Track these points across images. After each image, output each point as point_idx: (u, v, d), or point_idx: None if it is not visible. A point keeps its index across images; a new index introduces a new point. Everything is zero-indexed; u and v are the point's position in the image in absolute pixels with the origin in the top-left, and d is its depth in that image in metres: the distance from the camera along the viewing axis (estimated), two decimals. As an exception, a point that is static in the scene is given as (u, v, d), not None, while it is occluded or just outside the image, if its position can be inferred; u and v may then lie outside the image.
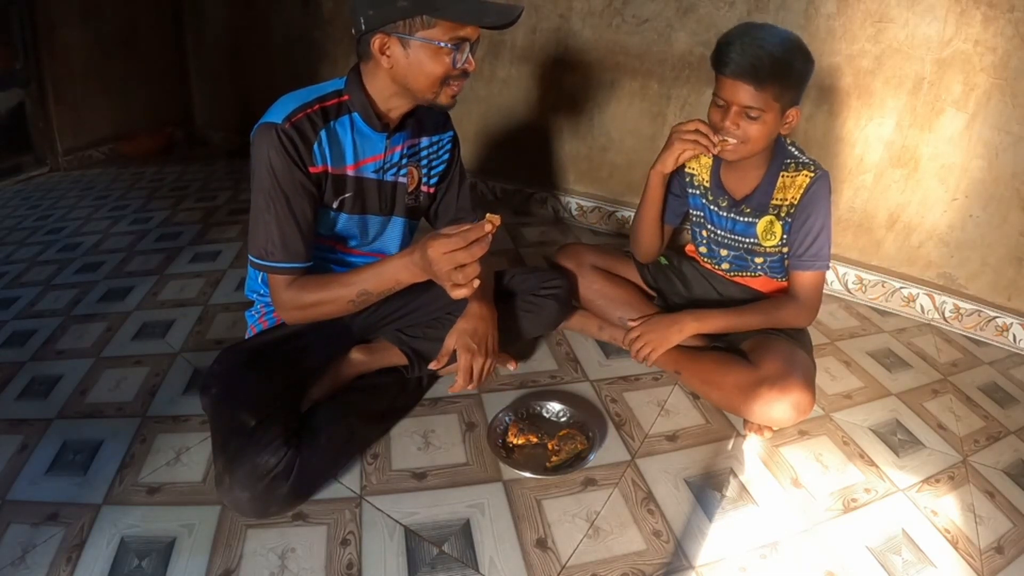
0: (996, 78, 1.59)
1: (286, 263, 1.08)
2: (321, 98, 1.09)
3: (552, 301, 1.41)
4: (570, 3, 2.17)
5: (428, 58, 1.00)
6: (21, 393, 1.38)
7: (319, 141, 1.07)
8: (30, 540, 1.00)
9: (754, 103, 1.16)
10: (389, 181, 1.21)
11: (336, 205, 1.15)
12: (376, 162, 1.17)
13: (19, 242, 2.28)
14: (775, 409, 1.19)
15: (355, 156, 1.14)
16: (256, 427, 1.00)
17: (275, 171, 1.04)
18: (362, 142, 1.14)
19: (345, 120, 1.11)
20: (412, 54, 1.01)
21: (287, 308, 1.12)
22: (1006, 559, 1.05)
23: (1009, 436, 1.37)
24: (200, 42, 3.42)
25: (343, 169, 1.13)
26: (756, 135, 1.19)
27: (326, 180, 1.11)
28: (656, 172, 1.36)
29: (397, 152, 1.19)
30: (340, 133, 1.11)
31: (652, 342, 1.36)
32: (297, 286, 1.10)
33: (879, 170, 1.83)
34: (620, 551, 1.02)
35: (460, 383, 1.16)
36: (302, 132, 1.05)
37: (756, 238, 1.35)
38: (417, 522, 1.06)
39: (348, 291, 1.08)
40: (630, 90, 2.17)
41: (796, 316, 1.34)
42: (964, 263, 1.78)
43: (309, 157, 1.06)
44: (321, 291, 1.10)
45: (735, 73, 1.14)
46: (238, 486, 0.97)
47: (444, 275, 0.96)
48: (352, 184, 1.15)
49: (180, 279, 1.93)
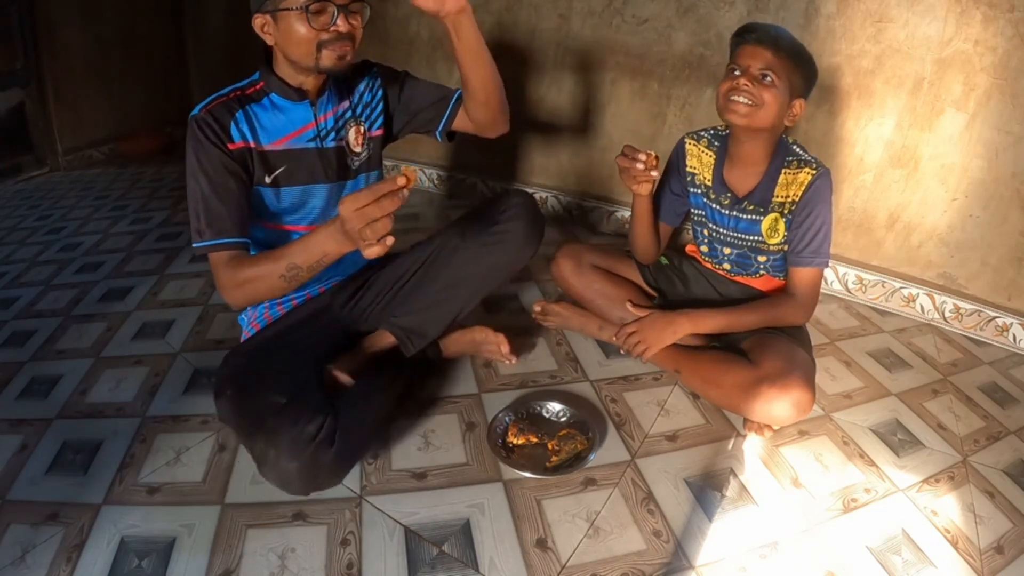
0: (996, 78, 1.59)
1: (215, 239, 1.09)
2: (238, 88, 1.16)
3: (516, 221, 1.32)
4: (570, 3, 2.17)
5: (291, 25, 1.04)
6: (21, 393, 1.38)
7: (235, 120, 1.12)
8: (30, 540, 1.00)
9: (770, 66, 1.19)
10: (330, 147, 1.22)
11: (269, 181, 1.16)
12: (309, 131, 1.19)
13: (19, 242, 2.28)
14: (775, 407, 1.19)
15: (281, 131, 1.17)
16: (288, 403, 1.02)
17: (196, 155, 1.09)
18: (286, 118, 1.17)
19: (265, 101, 1.16)
20: (281, 25, 1.06)
21: (227, 287, 1.10)
22: (1006, 559, 1.05)
23: (1009, 436, 1.37)
24: (200, 42, 3.41)
25: (270, 145, 1.16)
26: (770, 99, 1.20)
27: (251, 156, 1.13)
28: (634, 194, 1.37)
29: (331, 117, 1.21)
30: (260, 113, 1.15)
31: (646, 340, 1.36)
32: (234, 264, 1.09)
33: (879, 170, 1.83)
34: (620, 551, 1.02)
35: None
36: (217, 116, 1.10)
37: (760, 236, 1.35)
38: (417, 522, 1.06)
39: (277, 266, 1.05)
40: (630, 90, 2.17)
41: (793, 314, 1.34)
42: (964, 263, 1.78)
43: (227, 136, 1.10)
44: (252, 267, 1.08)
45: (760, 39, 1.20)
46: (285, 456, 0.96)
47: (356, 233, 0.91)
48: (283, 158, 1.17)
49: (180, 279, 1.93)
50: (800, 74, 1.22)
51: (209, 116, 1.09)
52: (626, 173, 1.29)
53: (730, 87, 1.22)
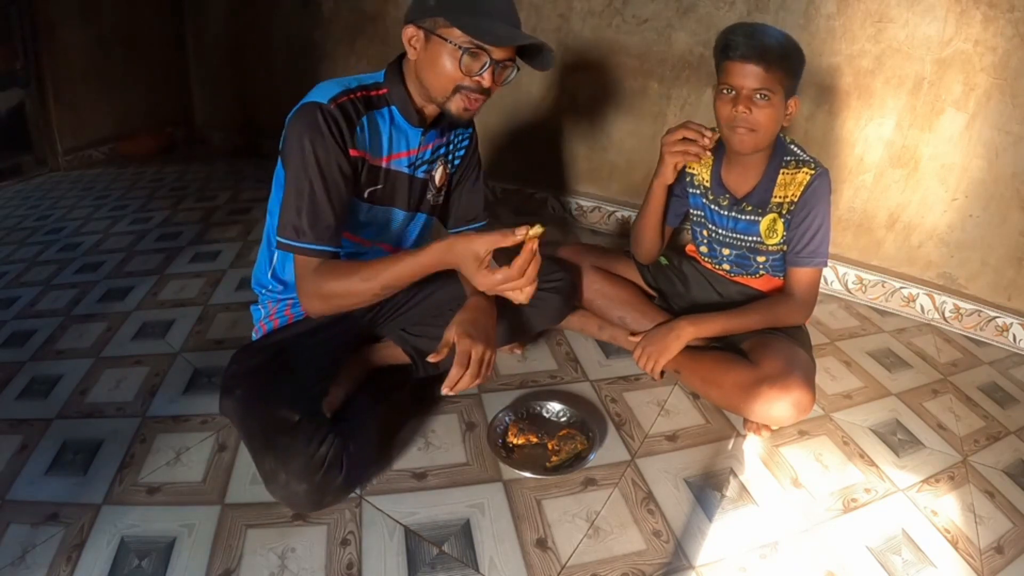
0: (996, 78, 1.59)
1: (316, 245, 1.05)
2: (363, 87, 1.10)
3: (554, 294, 1.40)
4: (570, 3, 2.18)
5: (441, 56, 1.01)
6: (21, 393, 1.38)
7: (361, 126, 1.08)
8: (30, 540, 1.00)
9: (764, 84, 1.16)
10: (420, 178, 1.21)
11: (367, 195, 1.15)
12: (410, 157, 1.17)
13: (19, 242, 2.28)
14: (776, 408, 1.19)
15: (390, 149, 1.14)
16: (300, 422, 1.01)
17: (315, 150, 1.02)
18: (398, 136, 1.15)
19: (385, 112, 1.12)
20: (430, 48, 1.02)
21: (310, 295, 1.08)
22: (1006, 559, 1.05)
23: (1009, 436, 1.37)
24: (200, 42, 3.42)
25: (379, 160, 1.14)
26: (767, 120, 1.20)
27: (362, 167, 1.11)
28: (659, 183, 1.37)
29: (429, 149, 1.20)
30: (379, 123, 1.12)
31: (653, 354, 1.36)
32: (322, 272, 1.06)
33: (879, 170, 1.83)
34: (620, 551, 1.02)
35: (453, 374, 1.06)
36: (346, 114, 1.05)
37: (759, 236, 1.36)
38: (417, 522, 1.06)
39: (371, 284, 1.05)
40: (630, 90, 2.17)
41: (793, 314, 1.34)
42: (964, 263, 1.78)
43: (352, 139, 1.06)
44: (342, 281, 1.06)
45: (745, 56, 1.15)
46: (295, 479, 0.97)
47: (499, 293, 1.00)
48: (384, 176, 1.16)
49: (180, 279, 1.93)
50: (792, 74, 1.20)
51: (339, 112, 1.03)
52: (680, 146, 1.26)
53: (729, 116, 1.21)
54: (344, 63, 2.75)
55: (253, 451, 1.05)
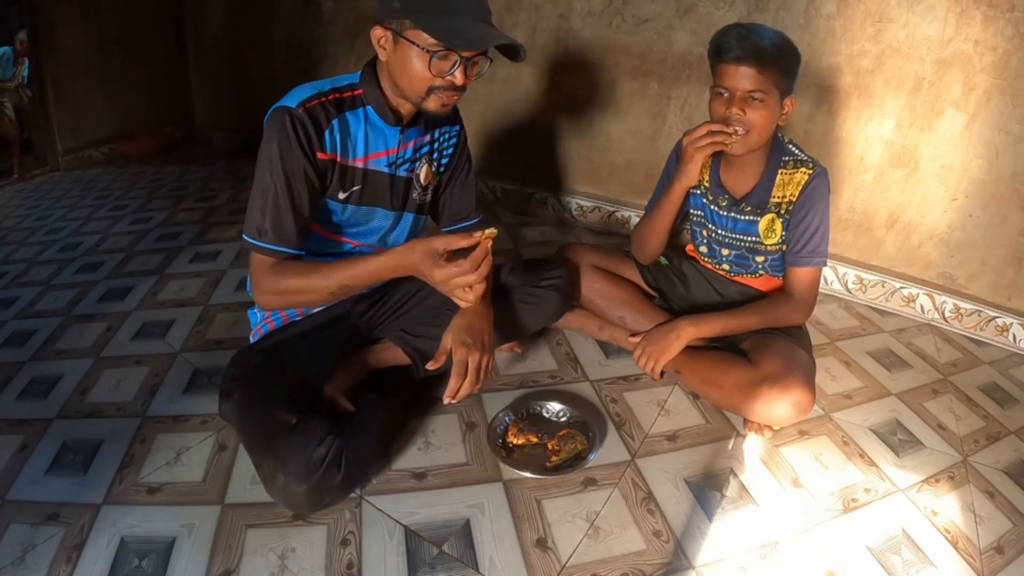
0: (996, 78, 1.59)
1: (275, 246, 1.07)
2: (337, 89, 1.10)
3: (553, 292, 1.41)
4: (570, 3, 2.17)
5: (411, 59, 1.01)
6: (21, 393, 1.38)
7: (331, 129, 1.08)
8: (30, 540, 1.00)
9: (758, 86, 1.16)
10: (402, 176, 1.21)
11: (343, 197, 1.15)
12: (389, 156, 1.17)
13: (19, 242, 2.28)
14: (776, 408, 1.19)
15: (366, 149, 1.14)
16: (298, 423, 1.01)
17: (281, 154, 1.04)
18: (375, 136, 1.14)
19: (360, 112, 1.12)
20: (400, 51, 1.02)
21: (264, 291, 1.10)
22: (1006, 559, 1.05)
23: (1009, 436, 1.37)
24: (200, 42, 3.42)
25: (353, 161, 1.14)
26: (762, 121, 1.20)
27: (333, 169, 1.11)
28: (681, 186, 1.36)
29: (410, 148, 1.20)
30: (353, 124, 1.12)
31: (653, 354, 1.36)
32: (278, 270, 1.08)
33: (879, 170, 1.83)
34: (620, 551, 1.02)
35: (453, 384, 1.08)
36: (314, 118, 1.05)
37: (758, 236, 1.36)
38: (417, 522, 1.06)
39: (327, 282, 1.07)
40: (630, 90, 2.17)
41: (793, 313, 1.34)
42: (964, 263, 1.78)
43: (320, 143, 1.07)
44: (299, 278, 1.08)
45: (738, 58, 1.15)
46: (293, 481, 0.97)
47: (450, 293, 1.01)
48: (362, 177, 1.15)
49: (180, 279, 1.93)
50: (787, 74, 1.19)
51: (307, 116, 1.04)
52: (708, 138, 1.24)
53: (723, 117, 1.21)
54: (344, 63, 2.75)
55: (252, 454, 1.06)
